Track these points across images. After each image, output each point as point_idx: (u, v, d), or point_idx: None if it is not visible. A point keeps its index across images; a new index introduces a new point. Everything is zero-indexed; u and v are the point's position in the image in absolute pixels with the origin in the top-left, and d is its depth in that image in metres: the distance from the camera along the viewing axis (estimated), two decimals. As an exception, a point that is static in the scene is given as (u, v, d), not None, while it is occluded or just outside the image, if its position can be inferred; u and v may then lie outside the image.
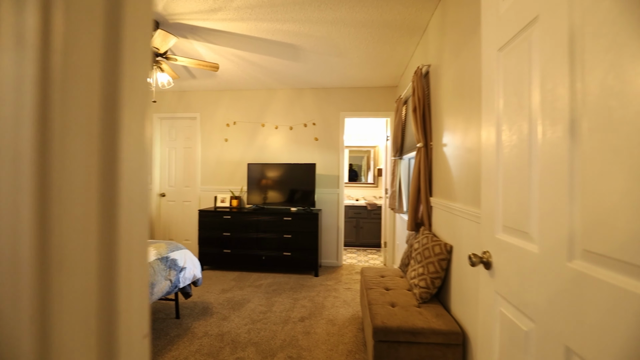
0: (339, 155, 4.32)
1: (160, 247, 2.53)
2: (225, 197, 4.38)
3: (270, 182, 4.18)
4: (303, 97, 4.38)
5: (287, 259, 3.88)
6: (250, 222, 3.95)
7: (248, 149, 4.50)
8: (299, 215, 3.86)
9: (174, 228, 4.73)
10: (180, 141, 4.75)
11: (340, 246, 4.34)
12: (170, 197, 4.76)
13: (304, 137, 4.38)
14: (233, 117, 4.52)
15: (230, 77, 3.95)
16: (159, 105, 4.67)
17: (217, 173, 4.58)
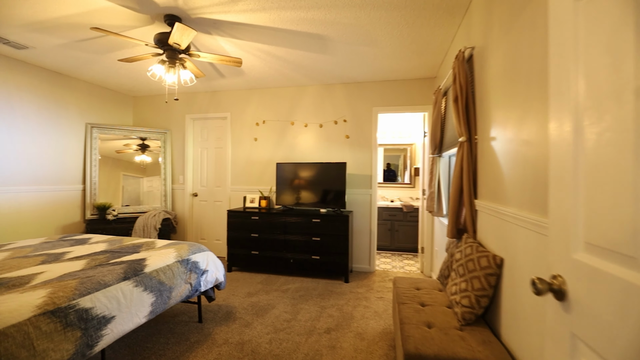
0: (371, 153, 4.06)
1: (181, 248, 2.46)
2: (254, 198, 4.30)
3: (299, 182, 4.03)
4: (333, 92, 4.17)
5: (315, 263, 3.69)
6: (278, 224, 3.82)
7: (277, 148, 4.38)
8: (329, 217, 3.66)
9: (205, 228, 4.75)
10: (212, 141, 4.76)
11: (373, 250, 4.07)
12: (202, 197, 4.79)
13: (334, 134, 4.18)
14: (262, 115, 4.43)
15: (258, 75, 3.85)
16: (192, 105, 4.71)
17: (246, 173, 4.52)
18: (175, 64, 2.52)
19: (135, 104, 4.99)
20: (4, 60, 3.33)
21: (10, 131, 3.41)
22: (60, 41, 2.95)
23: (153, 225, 4.12)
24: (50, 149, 3.81)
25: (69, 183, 4.03)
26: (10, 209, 3.42)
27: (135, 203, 4.58)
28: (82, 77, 4.05)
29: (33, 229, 3.64)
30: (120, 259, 2.12)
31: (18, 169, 3.49)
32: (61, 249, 2.43)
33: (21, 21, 2.59)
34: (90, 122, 4.30)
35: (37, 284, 1.64)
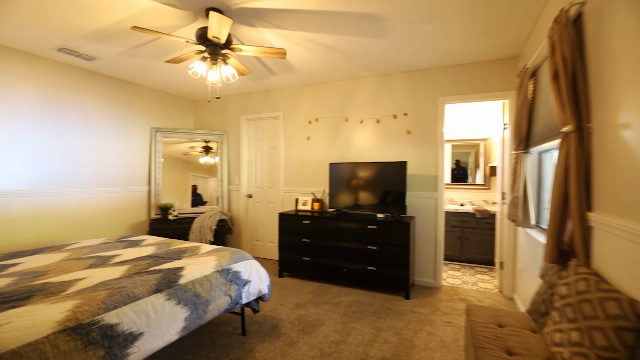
0: (437, 150, 3.51)
1: (223, 256, 2.30)
2: (306, 200, 4.07)
3: (354, 184, 3.67)
4: (391, 83, 3.72)
5: (371, 275, 3.31)
6: (331, 229, 3.52)
7: (330, 147, 4.09)
8: (387, 223, 3.24)
9: (260, 229, 4.69)
10: (265, 142, 4.67)
11: (439, 262, 3.53)
12: (257, 198, 4.73)
13: (393, 130, 3.73)
14: (315, 113, 4.18)
15: (309, 69, 3.60)
16: (246, 106, 4.68)
17: (299, 174, 4.31)
18: (217, 60, 2.38)
19: (195, 108, 5.15)
20: (80, 72, 3.61)
21: (86, 137, 3.69)
22: (120, 49, 3.06)
23: (209, 226, 4.16)
24: (119, 152, 4.07)
25: (136, 184, 4.28)
26: (87, 208, 3.71)
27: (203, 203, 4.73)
28: (146, 84, 4.26)
29: (106, 226, 3.92)
30: (159, 267, 2.03)
31: (93, 171, 3.77)
32: (114, 251, 2.46)
33: (83, 32, 2.70)
34: (155, 126, 4.52)
35: (70, 294, 1.58)
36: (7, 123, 3.06)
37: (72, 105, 3.56)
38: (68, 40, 2.88)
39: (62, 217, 3.49)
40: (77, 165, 3.63)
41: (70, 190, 3.54)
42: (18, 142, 3.13)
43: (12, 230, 3.10)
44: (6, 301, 1.50)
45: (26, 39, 2.85)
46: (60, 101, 3.45)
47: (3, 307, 1.43)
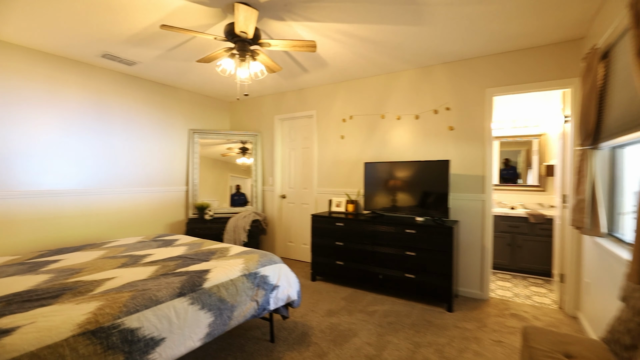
0: (484, 148, 3.18)
1: (251, 259, 2.22)
2: (340, 201, 3.91)
3: (391, 184, 3.44)
4: (432, 76, 3.44)
5: (410, 283, 3.06)
6: (365, 232, 3.33)
7: (366, 146, 3.89)
8: (427, 227, 2.98)
9: (293, 231, 4.61)
10: (299, 141, 4.58)
11: (486, 272, 3.18)
12: (290, 198, 4.66)
13: (433, 127, 3.44)
14: (349, 110, 4.01)
15: (343, 64, 3.44)
16: (280, 106, 4.63)
17: (332, 174, 4.17)
18: (245, 56, 2.31)
19: (231, 109, 5.22)
20: (123, 77, 3.78)
21: (129, 139, 3.86)
22: (156, 52, 3.13)
23: (242, 227, 4.15)
24: (159, 153, 4.21)
25: (175, 184, 4.40)
26: (130, 207, 3.87)
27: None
28: (184, 87, 4.37)
29: (147, 225, 4.06)
30: (186, 269, 1.99)
31: (135, 172, 3.93)
32: (147, 250, 2.49)
33: (122, 37, 2.79)
34: (193, 127, 4.63)
35: (96, 294, 1.57)
36: (59, 128, 3.26)
37: (116, 109, 3.73)
38: (109, 46, 3.00)
39: (107, 215, 3.66)
40: (121, 166, 3.79)
41: (115, 190, 3.72)
42: (69, 145, 3.33)
43: (63, 227, 3.30)
44: (39, 298, 1.52)
45: (74, 47, 3.01)
46: (105, 106, 3.63)
47: (34, 305, 1.44)
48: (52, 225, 3.23)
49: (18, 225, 3.00)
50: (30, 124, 3.06)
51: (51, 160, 3.21)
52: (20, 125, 3.00)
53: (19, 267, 2.02)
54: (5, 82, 2.90)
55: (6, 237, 2.93)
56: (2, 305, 1.44)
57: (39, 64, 3.11)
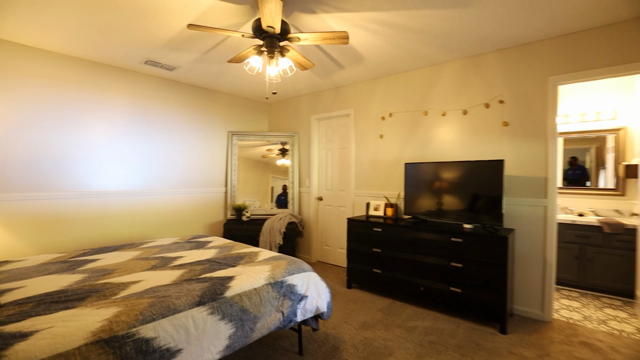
0: (546, 146, 2.75)
1: (278, 266, 2.10)
2: (378, 205, 3.67)
3: (435, 187, 3.14)
4: (482, 65, 3.07)
5: (455, 297, 2.74)
6: (405, 239, 3.06)
7: (406, 145, 3.61)
8: (476, 236, 2.65)
9: (330, 234, 4.46)
10: (336, 142, 4.42)
11: (549, 289, 2.74)
12: (327, 201, 4.51)
13: (484, 122, 3.07)
14: (389, 107, 3.75)
15: (381, 58, 3.20)
16: (316, 105, 4.51)
17: (371, 176, 3.94)
18: (274, 53, 2.20)
19: (269, 110, 5.21)
20: (165, 82, 3.92)
21: (170, 142, 3.99)
22: (193, 55, 3.16)
23: (278, 229, 4.09)
24: (199, 155, 4.31)
25: (214, 185, 4.48)
26: (170, 208, 4.00)
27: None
28: (222, 89, 4.43)
29: (187, 225, 4.18)
30: (211, 274, 1.92)
31: (176, 173, 4.06)
32: (179, 252, 2.50)
33: (160, 42, 2.85)
34: (231, 129, 4.69)
35: (118, 298, 1.54)
36: (108, 132, 3.45)
37: (159, 113, 3.88)
38: (150, 52, 3.09)
39: (151, 215, 3.81)
40: (164, 168, 3.94)
41: (157, 191, 3.86)
42: (117, 148, 3.52)
43: (110, 226, 3.48)
44: (66, 300, 1.53)
45: (119, 55, 3.15)
46: (149, 110, 3.78)
47: (59, 307, 1.45)
48: (100, 224, 3.42)
49: (71, 223, 3.21)
50: (82, 129, 3.27)
51: (101, 162, 3.40)
52: (73, 131, 3.21)
53: (61, 265, 2.11)
54: (59, 91, 3.12)
55: (60, 234, 3.15)
56: (32, 305, 1.47)
57: (89, 73, 3.31)
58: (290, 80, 3.96)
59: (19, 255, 2.92)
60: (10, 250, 2.89)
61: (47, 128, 3.06)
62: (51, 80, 3.07)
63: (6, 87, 2.83)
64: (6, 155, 2.85)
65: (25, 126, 2.94)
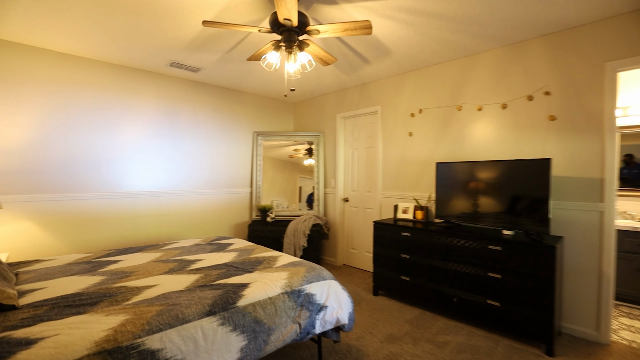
0: (602, 142, 2.40)
1: (297, 273, 1.98)
2: (407, 207, 3.45)
3: (470, 188, 2.87)
4: (524, 54, 2.76)
5: (493, 311, 2.47)
6: (436, 245, 2.83)
7: (438, 144, 3.35)
8: (518, 244, 2.37)
9: (356, 237, 4.28)
10: (362, 141, 4.23)
11: (606, 305, 2.39)
12: (353, 202, 4.34)
13: (527, 117, 2.76)
14: (418, 103, 3.52)
15: (409, 50, 2.99)
16: (342, 103, 4.35)
17: (399, 176, 3.72)
18: (292, 47, 2.08)
19: (295, 110, 5.14)
20: (191, 84, 3.96)
21: (196, 143, 4.03)
22: (215, 56, 3.14)
23: (302, 231, 3.99)
24: (225, 156, 4.31)
25: (239, 186, 4.47)
26: (197, 208, 4.04)
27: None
28: (247, 89, 4.40)
29: (213, 226, 4.20)
30: (226, 281, 1.84)
31: (202, 174, 4.09)
32: (199, 254, 2.46)
33: (182, 44, 2.84)
34: (257, 130, 4.66)
35: (129, 304, 1.50)
36: (136, 134, 3.53)
37: (185, 115, 3.92)
38: (174, 54, 3.10)
39: (177, 215, 3.86)
40: (190, 169, 3.98)
41: (184, 191, 3.91)
42: (144, 150, 3.59)
43: (138, 226, 3.56)
44: (79, 304, 1.51)
45: (145, 58, 3.20)
46: (176, 112, 3.83)
47: (71, 312, 1.43)
48: (129, 224, 3.51)
49: (101, 223, 3.32)
50: (111, 132, 3.36)
51: (130, 164, 3.49)
52: (104, 134, 3.31)
53: (84, 265, 2.14)
54: (89, 95, 3.22)
55: (92, 234, 3.26)
56: (46, 309, 1.46)
57: (118, 77, 3.40)
58: (315, 78, 3.84)
59: (54, 253, 3.05)
60: (47, 249, 3.02)
61: (79, 131, 3.17)
62: (82, 85, 3.18)
63: (41, 94, 2.96)
64: (42, 157, 2.98)
65: (59, 130, 3.06)
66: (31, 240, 2.94)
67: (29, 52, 2.89)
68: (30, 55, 2.90)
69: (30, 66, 2.91)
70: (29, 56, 2.90)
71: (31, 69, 2.91)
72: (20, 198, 2.88)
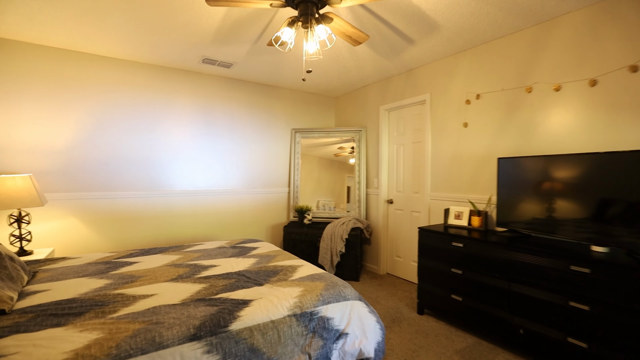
0: None
1: (312, 290, 1.66)
2: (461, 212, 2.90)
3: (543, 189, 2.26)
4: (621, 12, 2.06)
5: (577, 353, 1.86)
6: (497, 260, 2.27)
7: (501, 135, 2.75)
8: (615, 266, 1.74)
9: (401, 243, 3.81)
10: (409, 135, 3.74)
11: None
12: (398, 204, 3.87)
13: (628, 94, 2.06)
14: (475, 88, 2.94)
15: (462, 21, 2.46)
16: (385, 94, 3.91)
17: (451, 175, 3.17)
18: (310, 22, 1.77)
19: (336, 104, 4.81)
20: (226, 81, 3.87)
21: (233, 141, 3.93)
22: (244, 47, 2.96)
23: (340, 235, 3.65)
24: (262, 154, 4.16)
25: (276, 186, 4.29)
26: (232, 209, 3.94)
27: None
28: (284, 85, 4.19)
29: (250, 227, 4.07)
30: (228, 294, 1.60)
31: (238, 173, 3.99)
32: (216, 259, 2.27)
33: (208, 36, 2.70)
34: (295, 127, 4.43)
35: (112, 319, 1.32)
36: (173, 133, 3.53)
37: (221, 114, 3.84)
38: (203, 49, 2.99)
39: (213, 215, 3.80)
40: (227, 168, 3.89)
41: (220, 191, 3.83)
42: (180, 148, 3.58)
43: (174, 225, 3.56)
44: (66, 313, 1.38)
45: (177, 55, 3.15)
46: (212, 111, 3.77)
47: (51, 323, 1.29)
48: (166, 223, 3.52)
49: (139, 221, 3.36)
50: (149, 132, 3.39)
51: (167, 163, 3.50)
52: (142, 134, 3.35)
53: (100, 266, 2.08)
54: (129, 96, 3.28)
55: (131, 231, 3.31)
56: (31, 316, 1.35)
57: (154, 76, 3.41)
58: (354, 67, 3.47)
59: (96, 249, 3.15)
60: (90, 245, 3.13)
61: (119, 131, 3.24)
62: (122, 86, 3.24)
63: (85, 97, 3.07)
64: (85, 157, 3.09)
65: (100, 131, 3.16)
66: (76, 236, 3.06)
67: (75, 58, 3.01)
68: (76, 61, 3.02)
69: (76, 71, 3.03)
70: (76, 62, 3.02)
71: (77, 74, 3.03)
72: (65, 196, 3.01)
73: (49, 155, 2.94)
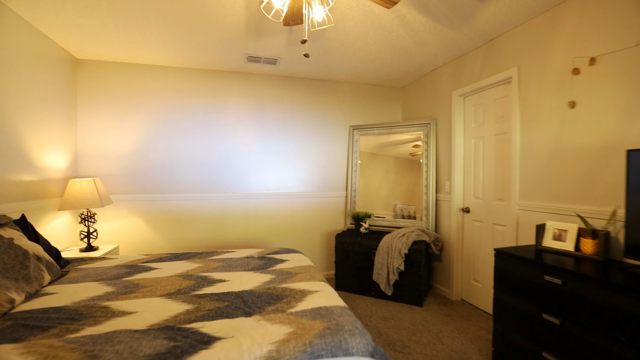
0: None
1: (302, 335, 1.24)
2: (564, 230, 2.02)
3: None
4: None
5: None
6: (621, 313, 1.43)
7: (632, 116, 1.81)
8: None
9: (480, 265, 2.99)
10: (489, 124, 2.91)
11: None
12: (476, 214, 3.06)
13: None
14: (588, 49, 2.03)
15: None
16: (459, 76, 3.15)
17: (549, 177, 2.28)
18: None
19: (403, 95, 4.18)
20: (275, 79, 3.69)
21: (285, 142, 3.74)
22: (281, 37, 2.70)
23: (398, 249, 3.06)
24: (316, 155, 3.86)
25: (333, 189, 3.93)
26: (284, 213, 3.74)
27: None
28: (338, 78, 3.80)
29: (302, 233, 3.81)
30: (200, 326, 1.31)
31: (290, 175, 3.77)
32: (233, 272, 2.04)
33: (240, 30, 2.53)
34: (354, 124, 4.00)
35: (62, 341, 1.17)
36: (227, 136, 3.53)
37: (273, 114, 3.69)
38: (241, 45, 2.85)
39: (265, 219, 3.66)
40: (278, 170, 3.72)
41: (272, 194, 3.68)
42: (233, 152, 3.55)
43: (228, 227, 3.54)
44: (38, 326, 1.29)
45: (221, 57, 3.10)
46: (262, 111, 3.65)
47: (16, 336, 1.22)
48: (220, 226, 3.52)
49: (194, 223, 3.44)
50: (204, 135, 3.45)
51: (220, 167, 3.51)
52: (197, 137, 3.42)
53: (120, 270, 2.06)
54: (185, 102, 3.38)
55: (186, 233, 3.41)
56: (11, 324, 1.30)
57: (205, 81, 3.45)
58: (414, 47, 2.87)
59: (156, 249, 3.32)
60: (151, 244, 3.32)
61: (175, 136, 3.37)
62: (179, 92, 3.37)
63: (147, 104, 3.27)
64: (145, 162, 3.29)
65: (161, 135, 3.32)
66: (139, 235, 3.28)
67: (137, 70, 3.24)
68: (137, 72, 3.25)
69: (138, 81, 3.25)
70: (137, 73, 3.25)
71: (139, 84, 3.25)
72: (130, 197, 3.24)
73: (116, 160, 3.21)
